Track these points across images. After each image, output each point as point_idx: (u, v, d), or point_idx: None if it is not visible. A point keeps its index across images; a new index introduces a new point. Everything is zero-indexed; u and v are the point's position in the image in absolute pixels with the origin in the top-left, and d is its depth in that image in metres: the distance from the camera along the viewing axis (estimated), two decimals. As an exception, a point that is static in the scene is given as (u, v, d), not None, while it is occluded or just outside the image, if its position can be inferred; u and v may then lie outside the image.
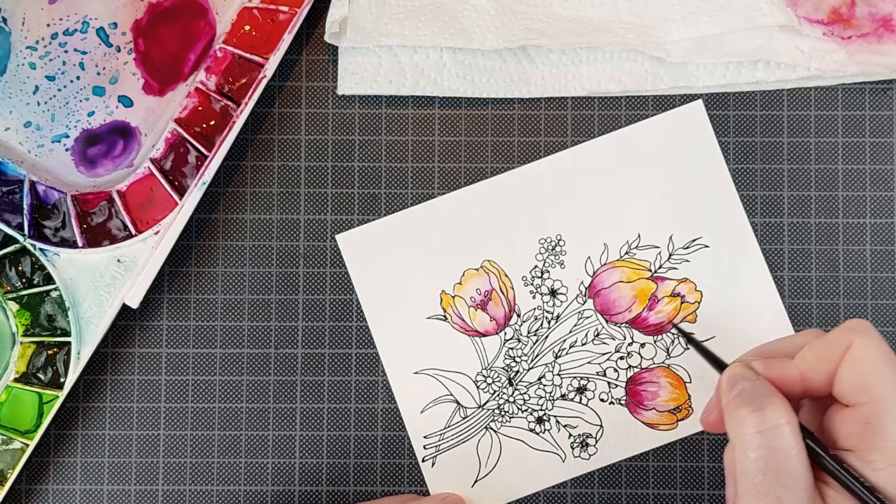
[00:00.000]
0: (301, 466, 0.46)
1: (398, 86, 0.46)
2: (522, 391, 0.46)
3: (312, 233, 0.46)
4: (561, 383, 0.46)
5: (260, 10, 0.45)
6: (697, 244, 0.46)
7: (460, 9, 0.46)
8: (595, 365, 0.46)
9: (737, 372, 0.36)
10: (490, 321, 0.46)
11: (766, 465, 0.33)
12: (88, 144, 0.46)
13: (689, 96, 0.47)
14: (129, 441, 0.46)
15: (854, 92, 0.47)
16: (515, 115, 0.47)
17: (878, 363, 0.34)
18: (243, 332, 0.46)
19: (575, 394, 0.46)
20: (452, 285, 0.46)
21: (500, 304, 0.46)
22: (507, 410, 0.46)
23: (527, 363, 0.46)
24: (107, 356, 0.46)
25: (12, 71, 0.46)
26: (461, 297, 0.46)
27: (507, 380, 0.46)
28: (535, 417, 0.46)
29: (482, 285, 0.46)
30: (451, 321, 0.46)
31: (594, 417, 0.46)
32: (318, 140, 0.47)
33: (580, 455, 0.45)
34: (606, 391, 0.46)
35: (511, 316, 0.46)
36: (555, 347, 0.46)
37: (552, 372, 0.46)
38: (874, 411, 0.33)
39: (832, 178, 0.47)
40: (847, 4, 0.46)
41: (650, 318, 0.46)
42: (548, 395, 0.46)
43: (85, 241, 0.44)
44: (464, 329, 0.46)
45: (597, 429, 0.45)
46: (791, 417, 0.34)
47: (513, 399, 0.46)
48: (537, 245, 0.46)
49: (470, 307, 0.46)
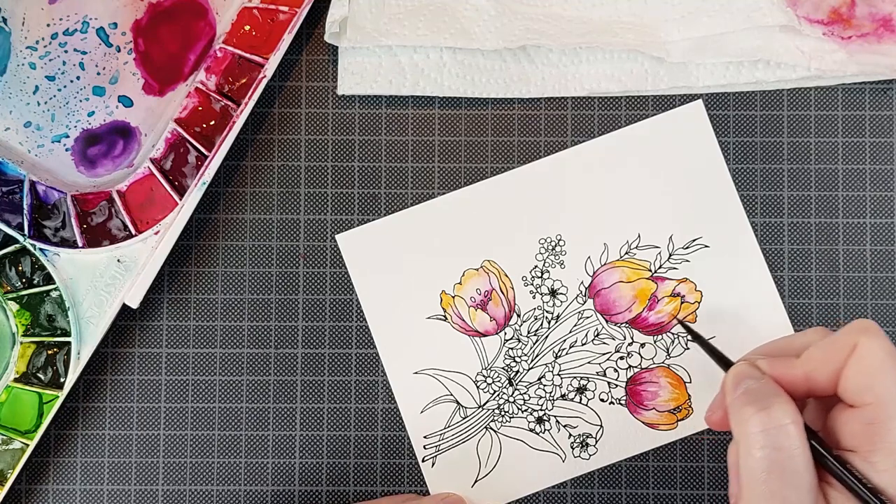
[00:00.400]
0: (301, 466, 0.46)
1: (398, 86, 0.46)
2: (522, 391, 0.46)
3: (312, 233, 0.46)
4: (561, 383, 0.46)
5: (260, 10, 0.45)
6: (697, 244, 0.46)
7: (460, 9, 0.46)
8: (595, 365, 0.46)
9: (742, 370, 0.36)
10: (490, 321, 0.46)
11: (770, 464, 0.33)
12: (88, 144, 0.46)
13: (689, 96, 0.47)
14: (129, 441, 0.46)
15: (854, 92, 0.47)
16: (515, 115, 0.47)
17: (884, 364, 0.34)
18: (243, 332, 0.46)
19: (575, 394, 0.46)
20: (452, 285, 0.46)
21: (500, 304, 0.46)
22: (507, 410, 0.46)
23: (527, 363, 0.46)
24: (107, 356, 0.46)
25: (12, 71, 0.46)
26: (461, 297, 0.46)
27: (507, 380, 0.46)
28: (535, 417, 0.46)
29: (482, 285, 0.46)
30: (451, 321, 0.46)
31: (594, 417, 0.46)
32: (318, 140, 0.47)
33: (580, 455, 0.45)
34: (606, 391, 0.46)
35: (511, 316, 0.46)
36: (555, 347, 0.46)
37: (552, 372, 0.46)
38: (878, 412, 0.33)
39: (832, 178, 0.47)
40: (847, 4, 0.46)
41: (650, 317, 0.46)
42: (548, 395, 0.46)
43: (85, 241, 0.44)
44: (464, 329, 0.46)
45: (597, 429, 0.46)
46: (796, 417, 0.34)
47: (513, 399, 0.46)
48: (537, 245, 0.46)
49: (470, 307, 0.46)
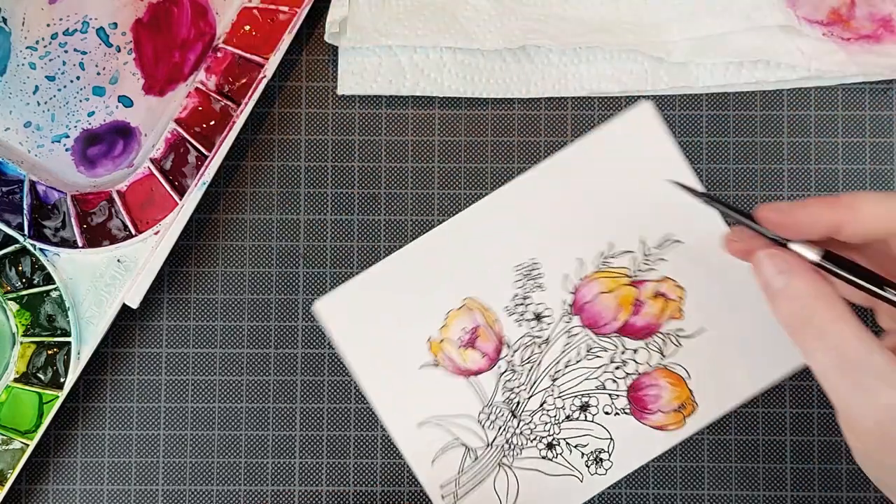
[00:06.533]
0: (301, 466, 0.46)
1: (398, 86, 0.46)
2: (527, 421, 0.45)
3: (312, 233, 0.46)
4: (563, 405, 0.45)
5: (260, 10, 0.45)
6: (670, 241, 0.46)
7: (460, 9, 0.46)
8: (593, 380, 0.45)
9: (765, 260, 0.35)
10: (482, 357, 0.45)
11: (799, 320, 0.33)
12: (88, 144, 0.46)
13: (690, 96, 0.47)
14: (129, 441, 0.46)
15: (854, 92, 0.47)
16: (515, 115, 0.47)
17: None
18: (243, 332, 0.46)
19: (579, 412, 0.45)
20: (438, 330, 0.45)
21: (488, 339, 0.45)
22: (515, 443, 0.45)
23: (526, 392, 0.45)
24: (107, 356, 0.46)
25: (12, 71, 0.46)
26: (448, 339, 0.45)
27: (510, 412, 0.45)
28: (544, 444, 0.45)
29: (467, 324, 0.45)
30: (444, 365, 0.45)
31: (602, 432, 0.45)
32: (318, 140, 0.47)
33: (596, 472, 0.45)
34: (609, 403, 0.45)
35: (501, 348, 0.45)
36: (550, 371, 0.45)
37: (552, 395, 0.45)
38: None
39: (832, 178, 0.47)
40: (847, 5, 0.46)
41: (638, 322, 0.45)
42: (553, 420, 0.45)
43: (85, 241, 0.44)
44: (457, 371, 0.45)
45: (607, 442, 0.45)
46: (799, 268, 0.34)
47: (519, 431, 0.45)
48: (513, 273, 0.45)
49: (459, 348, 0.45)
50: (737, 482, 0.46)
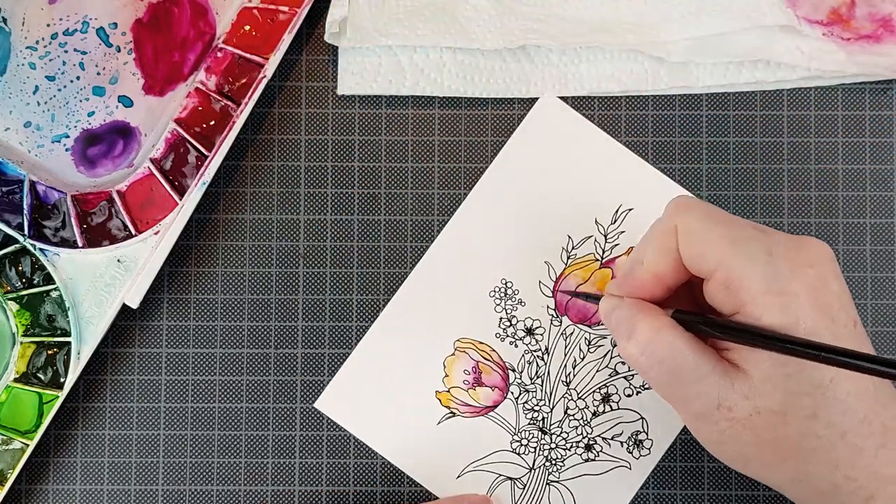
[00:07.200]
0: (301, 466, 0.46)
1: (398, 86, 0.46)
2: (558, 433, 0.45)
3: (312, 233, 0.46)
4: (586, 404, 0.45)
5: (260, 10, 0.45)
6: (622, 212, 0.46)
7: (460, 9, 0.46)
8: (604, 370, 0.46)
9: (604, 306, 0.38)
10: (493, 391, 0.45)
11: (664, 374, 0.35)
12: (88, 144, 0.46)
13: (690, 96, 0.47)
14: (129, 441, 0.46)
15: (854, 92, 0.47)
16: (515, 115, 0.47)
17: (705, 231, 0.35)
18: (243, 332, 0.46)
19: (603, 405, 0.45)
20: (441, 381, 0.45)
21: (491, 371, 0.45)
22: (555, 457, 0.45)
23: (547, 406, 0.45)
24: (107, 356, 0.46)
25: (12, 71, 0.46)
26: (454, 386, 0.45)
27: (540, 431, 0.45)
28: (582, 447, 0.45)
29: (466, 365, 0.45)
30: (460, 413, 0.45)
31: (632, 415, 0.45)
32: (318, 140, 0.47)
33: (641, 454, 0.45)
34: (628, 385, 0.45)
35: (507, 375, 0.46)
36: (561, 376, 0.45)
37: (573, 399, 0.45)
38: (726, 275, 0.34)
39: (832, 177, 0.47)
40: (847, 5, 0.46)
41: None
42: (581, 422, 0.45)
43: (85, 241, 0.44)
44: (475, 412, 0.45)
45: (640, 422, 0.45)
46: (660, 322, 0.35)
47: (554, 444, 0.45)
48: (490, 300, 0.46)
49: (468, 390, 0.45)
50: (737, 482, 0.46)
